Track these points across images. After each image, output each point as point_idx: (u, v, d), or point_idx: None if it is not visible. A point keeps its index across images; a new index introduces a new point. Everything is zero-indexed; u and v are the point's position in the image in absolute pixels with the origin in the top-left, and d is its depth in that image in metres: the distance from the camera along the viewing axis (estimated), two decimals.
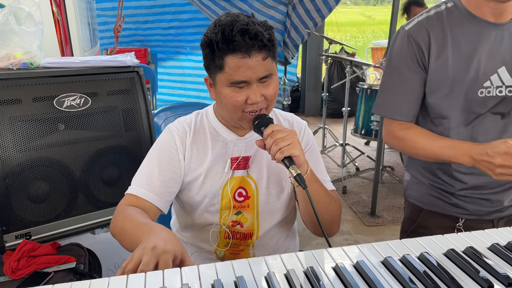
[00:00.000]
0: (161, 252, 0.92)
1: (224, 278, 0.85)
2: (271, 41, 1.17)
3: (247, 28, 1.13)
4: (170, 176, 1.28)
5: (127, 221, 1.15)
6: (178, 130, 1.33)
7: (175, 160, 1.29)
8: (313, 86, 6.48)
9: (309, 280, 0.86)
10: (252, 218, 1.34)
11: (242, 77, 1.16)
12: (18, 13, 1.63)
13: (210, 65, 1.21)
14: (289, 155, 1.12)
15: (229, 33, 1.13)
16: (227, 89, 1.19)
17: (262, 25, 1.17)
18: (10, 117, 1.52)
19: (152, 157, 1.30)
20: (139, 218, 1.14)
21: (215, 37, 1.15)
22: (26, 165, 1.55)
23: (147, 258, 0.90)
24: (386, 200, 3.59)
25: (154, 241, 0.95)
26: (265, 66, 1.17)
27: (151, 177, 1.26)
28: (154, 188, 1.25)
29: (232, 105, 1.20)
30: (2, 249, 1.53)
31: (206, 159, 1.30)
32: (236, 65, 1.15)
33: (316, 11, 4.61)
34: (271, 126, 1.17)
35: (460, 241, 1.01)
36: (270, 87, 1.21)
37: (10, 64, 1.60)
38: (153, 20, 5.35)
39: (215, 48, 1.15)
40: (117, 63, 1.79)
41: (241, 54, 1.14)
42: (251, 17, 1.19)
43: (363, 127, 4.02)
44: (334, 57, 4.52)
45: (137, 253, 0.93)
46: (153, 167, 1.28)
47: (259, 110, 1.21)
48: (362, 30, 20.76)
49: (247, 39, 1.12)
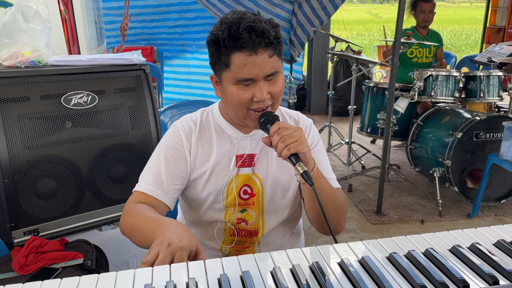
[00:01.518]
0: (176, 248, 0.95)
1: (230, 273, 0.86)
2: (277, 39, 1.17)
3: (254, 25, 1.13)
4: (176, 173, 1.29)
5: (138, 217, 1.16)
6: (184, 127, 1.33)
7: (181, 157, 1.30)
8: (319, 84, 6.46)
9: (315, 275, 0.86)
10: (257, 215, 1.34)
11: (248, 74, 1.16)
12: (25, 11, 1.64)
13: (216, 63, 1.21)
14: (295, 152, 1.12)
15: (236, 30, 1.13)
16: (233, 86, 1.19)
17: (268, 23, 1.17)
18: (18, 115, 1.53)
19: (159, 154, 1.31)
20: (150, 214, 1.16)
21: (221, 35, 1.15)
22: (34, 162, 1.56)
23: (163, 255, 0.93)
24: (392, 199, 3.58)
25: (169, 238, 0.97)
26: (271, 64, 1.17)
27: (158, 174, 1.27)
28: (162, 185, 1.26)
29: (238, 102, 1.20)
30: (10, 245, 1.54)
31: (211, 156, 1.31)
32: (242, 63, 1.15)
33: (322, 9, 4.60)
34: (277, 123, 1.17)
35: (466, 237, 1.01)
36: (276, 84, 1.21)
37: (18, 62, 1.61)
38: (159, 19, 5.36)
39: (222, 46, 1.15)
40: (123, 61, 1.80)
41: (248, 52, 1.14)
42: (257, 15, 1.19)
43: (369, 125, 4.00)
44: (340, 55, 4.51)
45: (154, 249, 0.96)
46: (159, 164, 1.29)
47: (265, 108, 1.21)
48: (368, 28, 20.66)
49: (253, 36, 1.12)
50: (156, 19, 5.35)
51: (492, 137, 3.20)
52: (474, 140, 3.20)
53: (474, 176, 3.30)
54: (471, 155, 3.25)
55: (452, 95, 3.54)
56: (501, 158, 2.92)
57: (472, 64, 4.84)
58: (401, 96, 3.65)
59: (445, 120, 3.47)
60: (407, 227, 3.15)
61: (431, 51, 4.29)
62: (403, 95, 3.63)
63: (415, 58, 4.29)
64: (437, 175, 3.32)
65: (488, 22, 6.62)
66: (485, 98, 3.59)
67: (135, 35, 5.40)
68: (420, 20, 4.22)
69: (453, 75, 3.53)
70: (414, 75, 3.59)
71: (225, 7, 4.29)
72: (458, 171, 3.26)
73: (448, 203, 3.49)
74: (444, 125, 3.43)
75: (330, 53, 4.35)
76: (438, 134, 3.44)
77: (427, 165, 3.55)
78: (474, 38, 17.11)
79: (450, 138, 3.22)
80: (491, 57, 4.28)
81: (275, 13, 4.62)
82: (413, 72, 3.62)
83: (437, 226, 3.17)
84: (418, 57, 4.28)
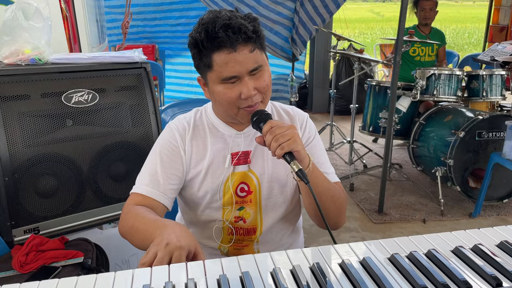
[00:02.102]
0: (174, 248, 0.94)
1: (230, 274, 0.85)
2: (255, 32, 1.16)
3: (230, 22, 1.12)
4: (173, 173, 1.28)
5: (137, 219, 1.15)
6: (177, 127, 1.33)
7: (177, 156, 1.30)
8: (321, 83, 6.45)
9: (315, 276, 0.85)
10: (255, 213, 1.34)
11: (231, 72, 1.15)
12: (26, 9, 1.64)
13: (199, 65, 1.21)
14: (289, 151, 1.11)
15: (212, 30, 1.12)
16: (219, 86, 1.18)
17: (245, 18, 1.16)
18: (18, 113, 1.53)
19: (154, 155, 1.31)
20: (149, 215, 1.15)
21: (199, 36, 1.14)
22: (34, 160, 1.56)
23: (162, 255, 0.93)
24: (394, 198, 3.57)
25: (167, 238, 0.97)
26: (254, 58, 1.16)
27: (154, 175, 1.27)
28: (159, 186, 1.26)
29: (226, 101, 1.19)
30: (11, 243, 1.54)
31: (206, 155, 1.31)
32: (223, 61, 1.14)
33: (324, 8, 4.58)
34: (269, 122, 1.16)
35: (468, 238, 1.00)
36: (262, 79, 1.19)
37: (19, 60, 1.61)
38: (161, 17, 5.35)
39: (201, 47, 1.15)
40: (124, 59, 1.80)
41: (227, 50, 1.13)
42: (234, 11, 1.18)
43: (371, 124, 3.99)
44: (342, 53, 4.49)
45: (152, 249, 0.95)
46: (155, 165, 1.28)
47: (254, 105, 1.20)
48: (370, 27, 20.63)
49: (230, 33, 1.11)
50: (157, 17, 5.35)
51: (495, 136, 3.19)
52: (477, 139, 3.19)
53: (477, 176, 3.28)
54: (474, 154, 3.24)
55: (455, 94, 3.53)
56: (503, 158, 2.91)
57: (474, 63, 4.82)
58: (403, 95, 3.64)
59: (448, 119, 3.46)
60: (408, 226, 3.14)
61: (434, 49, 4.28)
62: (406, 94, 3.62)
63: (418, 57, 4.28)
64: (439, 174, 3.31)
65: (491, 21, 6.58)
66: (487, 97, 3.57)
67: (137, 33, 5.39)
68: (421, 18, 4.21)
69: (455, 74, 3.51)
70: (416, 74, 3.58)
71: (227, 5, 4.28)
72: (460, 170, 3.25)
73: (450, 202, 3.48)
74: (446, 124, 3.42)
75: (332, 51, 4.33)
76: (441, 133, 3.42)
77: (429, 164, 3.54)
78: (477, 36, 17.07)
79: (453, 137, 3.20)
80: (494, 56, 4.26)
81: (277, 11, 4.60)
82: (416, 71, 3.61)
83: (439, 225, 3.16)
84: (421, 55, 4.27)
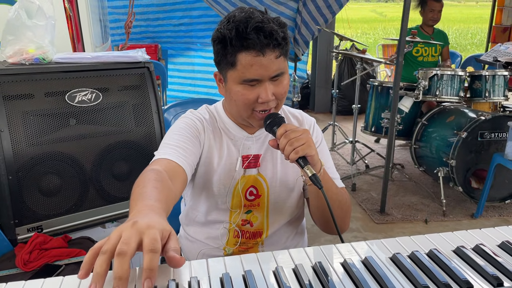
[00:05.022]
0: (145, 227, 0.74)
1: (233, 272, 0.86)
2: (284, 40, 1.15)
3: (262, 26, 1.10)
4: (191, 150, 1.21)
5: (137, 187, 1.00)
6: (197, 117, 1.30)
7: (196, 139, 1.25)
8: (323, 83, 6.45)
9: (317, 275, 0.86)
10: (262, 216, 1.33)
11: (254, 75, 1.14)
12: (29, 8, 1.64)
13: (221, 61, 1.18)
14: (303, 155, 1.10)
15: (244, 30, 1.10)
16: (238, 86, 1.17)
17: (276, 23, 1.15)
18: (22, 112, 1.54)
19: (172, 134, 1.23)
20: (148, 189, 0.96)
21: (228, 33, 1.12)
22: (38, 159, 1.57)
23: (128, 234, 0.73)
24: (396, 198, 3.57)
25: (135, 219, 0.77)
26: (278, 65, 1.15)
27: (177, 146, 1.19)
28: (182, 154, 1.17)
29: (242, 102, 1.18)
30: (14, 241, 1.55)
31: (216, 155, 1.29)
32: (249, 63, 1.12)
33: (326, 8, 4.58)
34: (283, 125, 1.15)
35: (470, 238, 1.00)
36: (281, 85, 1.19)
37: (22, 59, 1.62)
38: (163, 17, 5.37)
39: (228, 45, 1.13)
40: (128, 59, 1.81)
41: (255, 52, 1.11)
42: (265, 13, 1.16)
43: (373, 125, 3.99)
44: (345, 53, 4.49)
45: (114, 232, 0.75)
46: (175, 139, 1.21)
47: (269, 110, 1.19)
48: (373, 27, 20.60)
49: (261, 37, 1.10)
50: (160, 17, 5.36)
51: (497, 137, 3.19)
52: (479, 140, 3.18)
53: (479, 176, 3.28)
54: (476, 155, 3.23)
55: (457, 94, 3.53)
56: (506, 158, 2.90)
57: (477, 63, 4.81)
58: (405, 95, 3.64)
59: (450, 119, 3.46)
60: (410, 226, 3.14)
61: (437, 50, 4.27)
62: (408, 94, 3.62)
63: (421, 57, 4.27)
64: (441, 175, 3.31)
65: (494, 21, 6.57)
66: (490, 98, 3.56)
67: (140, 33, 5.41)
68: (429, 19, 4.19)
69: (458, 75, 3.51)
70: (419, 74, 3.57)
71: (230, 5, 4.28)
72: (463, 171, 3.25)
73: (452, 203, 3.48)
74: (448, 124, 3.42)
75: (335, 51, 4.33)
76: (443, 134, 3.42)
77: (431, 165, 3.54)
78: (479, 37, 17.03)
79: (455, 137, 3.20)
80: (496, 56, 4.25)
81: (280, 11, 4.60)
82: (418, 71, 3.60)
83: (441, 226, 3.16)
84: (424, 56, 4.26)
